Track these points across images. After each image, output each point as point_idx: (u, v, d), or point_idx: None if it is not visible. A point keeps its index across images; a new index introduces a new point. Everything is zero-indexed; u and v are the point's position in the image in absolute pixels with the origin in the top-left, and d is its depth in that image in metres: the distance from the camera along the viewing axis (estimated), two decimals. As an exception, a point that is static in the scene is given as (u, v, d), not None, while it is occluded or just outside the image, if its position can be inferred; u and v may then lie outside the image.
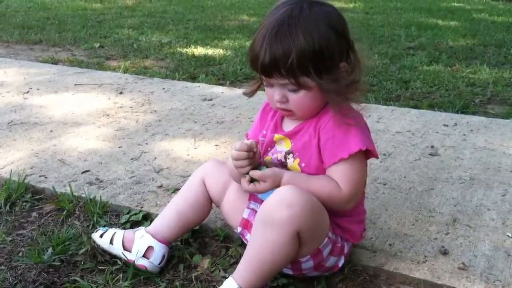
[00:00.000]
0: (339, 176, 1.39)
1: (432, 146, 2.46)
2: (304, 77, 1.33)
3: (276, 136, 1.50)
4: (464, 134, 2.62)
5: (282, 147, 1.49)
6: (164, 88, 3.48)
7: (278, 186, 1.39)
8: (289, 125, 1.50)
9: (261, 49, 1.32)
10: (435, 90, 3.52)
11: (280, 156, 1.48)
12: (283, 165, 1.48)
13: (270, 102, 1.48)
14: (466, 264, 1.58)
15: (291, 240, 1.32)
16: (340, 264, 1.53)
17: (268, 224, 1.32)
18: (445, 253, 1.63)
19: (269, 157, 1.51)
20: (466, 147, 2.46)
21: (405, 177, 2.15)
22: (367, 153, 1.42)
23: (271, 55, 1.31)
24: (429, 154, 2.38)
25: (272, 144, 1.52)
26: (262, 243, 1.34)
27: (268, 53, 1.31)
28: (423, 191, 2.04)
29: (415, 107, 3.14)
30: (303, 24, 1.30)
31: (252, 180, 1.44)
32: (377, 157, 1.43)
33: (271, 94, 1.42)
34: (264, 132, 1.55)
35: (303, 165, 1.45)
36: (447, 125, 2.75)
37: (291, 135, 1.47)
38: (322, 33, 1.31)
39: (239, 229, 1.60)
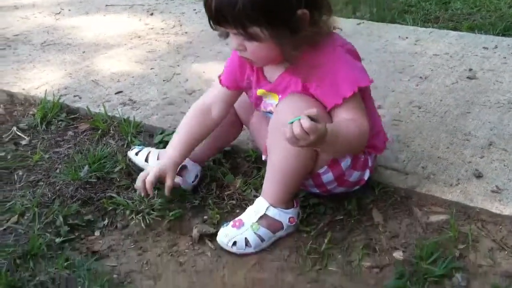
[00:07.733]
0: (351, 114, 1.32)
1: (470, 69, 2.38)
2: (254, 27, 1.24)
3: (259, 91, 1.45)
4: (504, 57, 2.52)
5: (272, 100, 1.44)
6: (195, 9, 3.40)
7: (326, 132, 1.21)
8: (271, 74, 1.42)
9: None
10: (476, 11, 3.37)
11: (273, 109, 1.43)
12: None
13: None
14: (500, 187, 1.56)
15: None
16: (366, 177, 1.50)
17: (282, 130, 1.27)
18: (479, 176, 1.62)
19: (263, 109, 1.49)
20: (506, 71, 2.37)
21: (441, 100, 2.10)
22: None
23: (217, 1, 1.23)
24: (467, 78, 2.31)
25: (259, 99, 1.47)
26: (279, 152, 1.34)
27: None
28: (459, 114, 1.99)
29: (454, 29, 3.02)
30: None
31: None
32: (370, 83, 1.36)
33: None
34: (249, 81, 1.48)
35: None
36: (486, 48, 2.65)
37: (274, 89, 1.41)
38: None
39: (264, 157, 1.55)
